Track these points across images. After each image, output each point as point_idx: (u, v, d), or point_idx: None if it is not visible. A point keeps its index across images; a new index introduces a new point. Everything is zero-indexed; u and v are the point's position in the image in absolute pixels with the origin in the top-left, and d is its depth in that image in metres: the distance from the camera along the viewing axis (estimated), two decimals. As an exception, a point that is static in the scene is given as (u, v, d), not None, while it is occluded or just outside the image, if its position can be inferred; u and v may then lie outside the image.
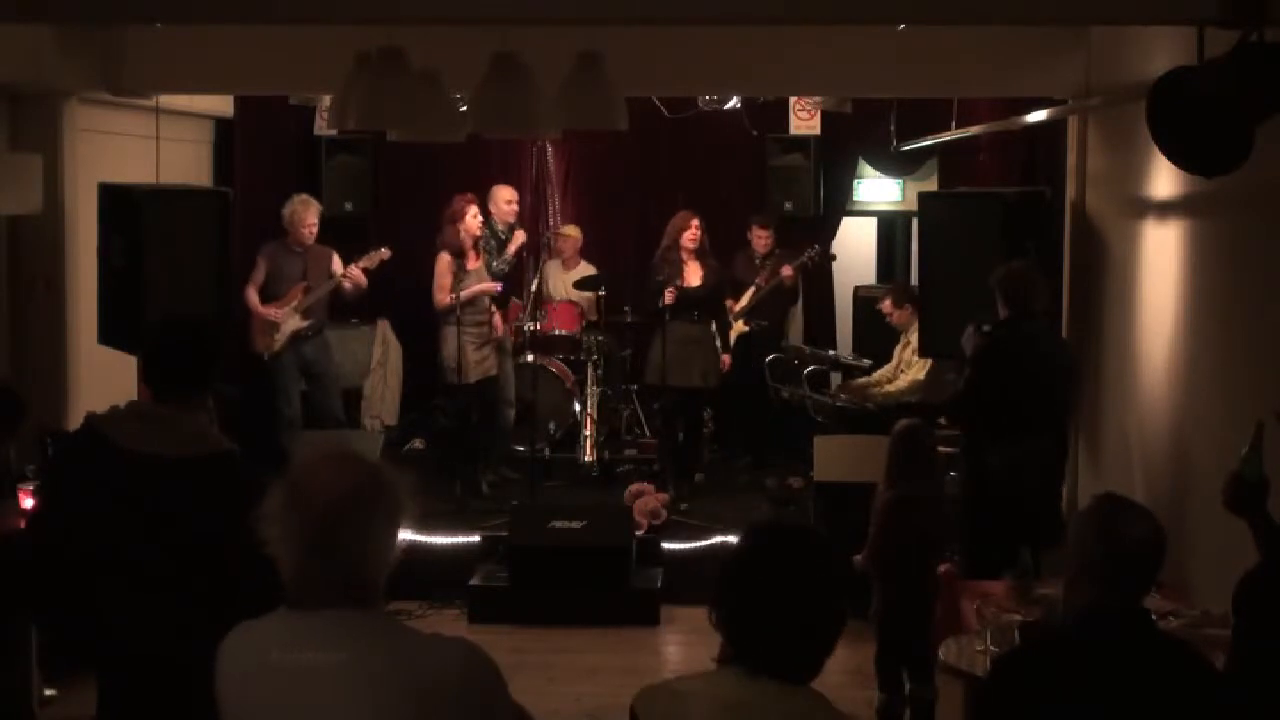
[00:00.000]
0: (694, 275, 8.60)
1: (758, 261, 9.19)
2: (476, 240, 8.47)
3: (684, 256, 8.56)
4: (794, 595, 2.36)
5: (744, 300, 9.10)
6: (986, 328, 6.13)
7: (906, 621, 5.48)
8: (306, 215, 8.37)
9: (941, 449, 6.12)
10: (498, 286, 8.57)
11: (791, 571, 2.38)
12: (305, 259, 8.40)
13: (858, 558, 5.62)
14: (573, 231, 9.68)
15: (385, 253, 8.45)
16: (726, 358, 8.84)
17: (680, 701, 2.40)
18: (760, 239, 9.21)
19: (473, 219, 8.41)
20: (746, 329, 9.08)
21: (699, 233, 8.57)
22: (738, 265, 9.23)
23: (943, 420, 7.14)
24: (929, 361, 8.11)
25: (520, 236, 8.85)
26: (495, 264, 8.68)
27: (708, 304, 8.66)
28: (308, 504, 2.30)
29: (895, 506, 5.54)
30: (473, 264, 8.44)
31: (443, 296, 8.34)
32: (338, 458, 2.39)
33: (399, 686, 2.26)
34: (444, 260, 8.38)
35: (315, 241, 8.45)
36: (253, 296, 8.29)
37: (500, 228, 8.81)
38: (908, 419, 5.84)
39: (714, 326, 8.79)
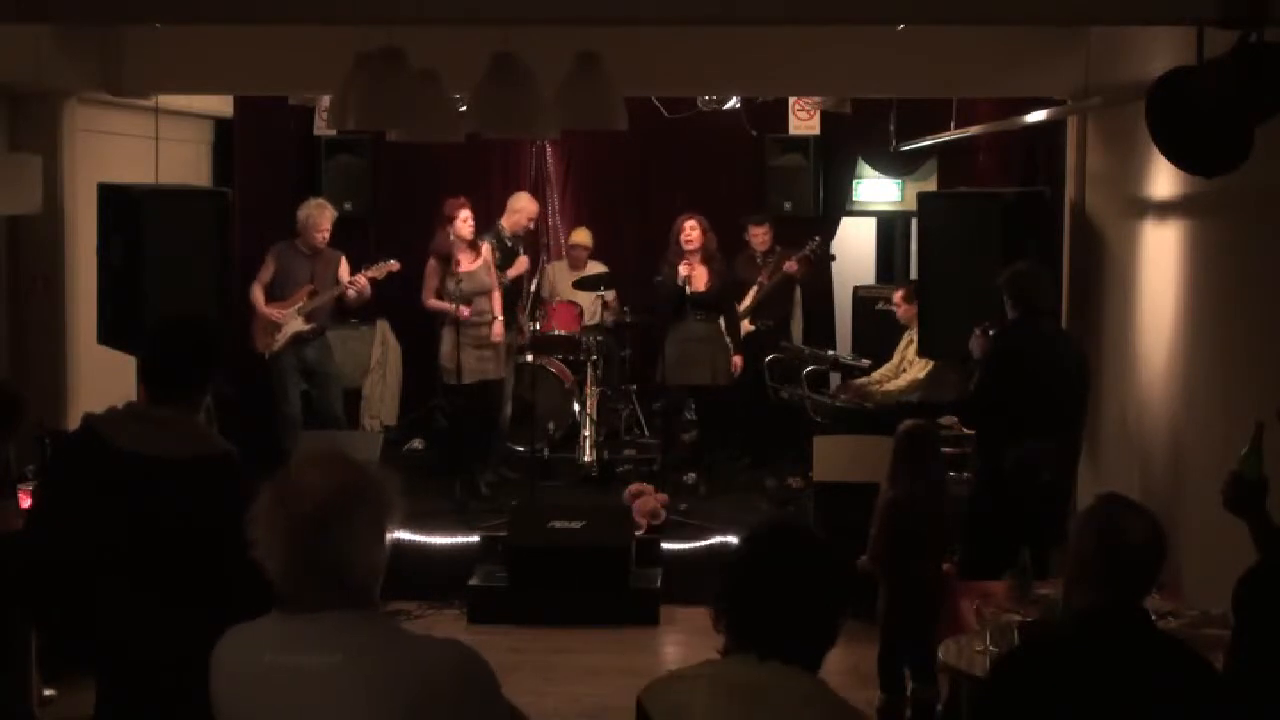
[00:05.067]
0: (700, 278, 8.61)
1: (759, 260, 9.19)
2: (470, 241, 8.43)
3: (687, 258, 8.57)
4: (798, 590, 2.44)
5: (747, 300, 9.10)
6: (993, 331, 6.14)
7: (909, 621, 5.49)
8: (321, 220, 8.35)
9: (945, 449, 6.11)
10: (465, 313, 8.29)
11: (795, 567, 2.46)
12: (314, 262, 8.38)
13: (862, 559, 5.62)
14: (584, 238, 9.67)
15: (395, 265, 8.44)
16: (738, 358, 8.82)
17: (688, 687, 2.45)
18: (758, 237, 9.21)
19: (462, 222, 8.36)
20: (753, 328, 9.09)
21: (694, 233, 8.56)
22: (739, 266, 9.22)
23: (945, 420, 7.15)
24: (930, 360, 8.10)
25: (523, 264, 8.80)
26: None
27: (715, 305, 8.66)
28: (293, 506, 2.29)
29: (898, 506, 5.54)
30: (467, 265, 8.40)
31: (426, 296, 8.38)
32: (324, 459, 2.38)
33: (392, 688, 2.25)
34: (430, 265, 8.40)
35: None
36: (258, 294, 8.28)
37: (508, 237, 8.77)
38: (912, 419, 5.84)
39: (723, 325, 8.80)
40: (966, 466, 6.87)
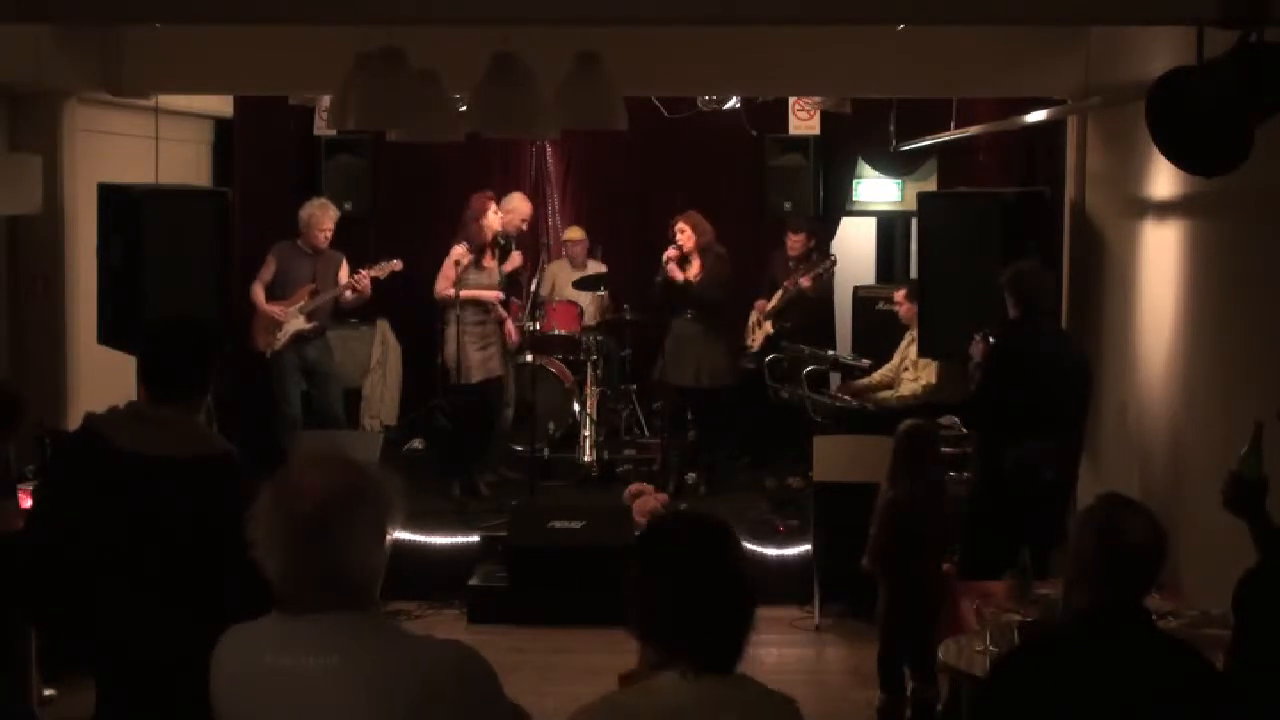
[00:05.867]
0: (691, 273, 8.60)
1: (791, 265, 9.20)
2: (494, 237, 8.46)
3: (672, 250, 8.56)
4: (715, 585, 2.32)
5: (773, 302, 9.12)
6: (992, 337, 6.14)
7: (909, 621, 5.49)
8: (324, 219, 8.35)
9: (945, 449, 6.10)
10: (499, 295, 8.55)
11: (708, 562, 2.33)
12: (315, 262, 8.38)
13: (864, 560, 5.62)
14: (578, 234, 9.69)
15: (397, 264, 8.43)
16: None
17: (621, 717, 2.33)
18: (792, 242, 9.22)
19: (494, 215, 8.42)
20: (772, 331, 9.09)
21: (682, 235, 8.53)
22: (775, 266, 9.27)
23: (944, 420, 7.15)
24: (936, 362, 8.08)
25: (517, 259, 8.81)
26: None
27: (702, 301, 8.62)
28: (293, 506, 2.29)
29: (898, 506, 5.54)
30: (488, 262, 8.44)
31: (444, 285, 8.32)
32: (324, 460, 2.37)
33: (392, 690, 2.25)
34: (458, 251, 8.33)
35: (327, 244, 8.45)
36: (259, 293, 8.28)
37: (501, 235, 8.76)
38: (912, 419, 5.85)
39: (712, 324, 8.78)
40: (966, 466, 6.86)
